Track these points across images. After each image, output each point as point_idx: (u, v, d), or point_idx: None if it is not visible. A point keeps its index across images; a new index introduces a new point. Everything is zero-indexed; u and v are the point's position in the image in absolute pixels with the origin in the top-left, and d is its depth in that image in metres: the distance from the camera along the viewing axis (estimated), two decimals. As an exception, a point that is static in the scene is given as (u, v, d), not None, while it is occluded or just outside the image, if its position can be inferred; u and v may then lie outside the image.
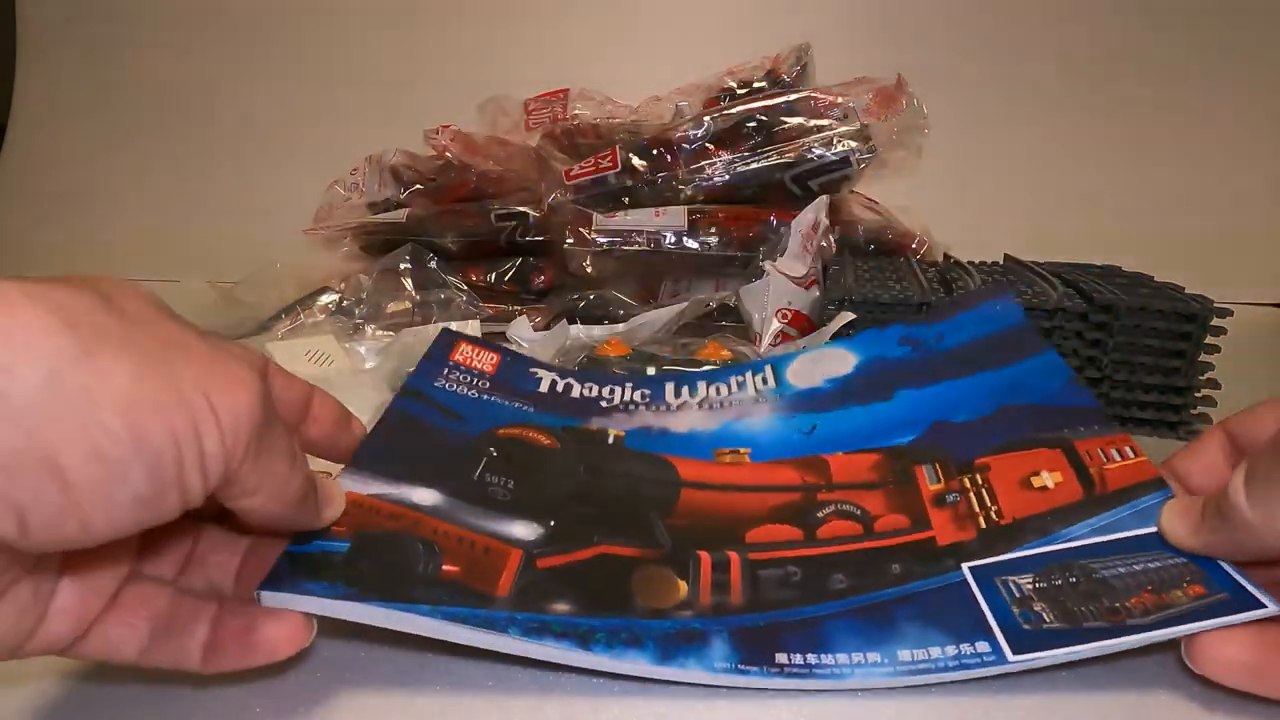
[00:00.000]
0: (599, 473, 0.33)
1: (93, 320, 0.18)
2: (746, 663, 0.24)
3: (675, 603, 0.26)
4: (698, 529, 0.30)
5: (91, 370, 0.17)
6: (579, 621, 0.25)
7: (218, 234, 1.04)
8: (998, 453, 0.31)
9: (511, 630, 0.24)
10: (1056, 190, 0.94)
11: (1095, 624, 0.24)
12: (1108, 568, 0.26)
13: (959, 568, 0.27)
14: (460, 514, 0.29)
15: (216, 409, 0.19)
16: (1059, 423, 0.32)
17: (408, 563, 0.26)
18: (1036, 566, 0.26)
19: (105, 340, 0.18)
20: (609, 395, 0.39)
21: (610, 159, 0.67)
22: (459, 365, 0.39)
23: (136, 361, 0.18)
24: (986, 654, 0.24)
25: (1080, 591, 0.25)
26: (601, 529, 0.29)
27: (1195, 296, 0.46)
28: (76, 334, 0.17)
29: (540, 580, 0.26)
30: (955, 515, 0.29)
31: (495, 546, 0.27)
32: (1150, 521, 0.27)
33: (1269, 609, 0.23)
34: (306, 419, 0.28)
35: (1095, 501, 0.28)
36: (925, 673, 0.24)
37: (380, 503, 0.28)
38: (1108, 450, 0.30)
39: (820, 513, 0.31)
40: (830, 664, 0.24)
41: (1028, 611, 0.25)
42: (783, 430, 0.36)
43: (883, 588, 0.27)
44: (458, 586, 0.25)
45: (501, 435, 0.34)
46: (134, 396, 0.18)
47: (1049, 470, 0.30)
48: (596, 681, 0.26)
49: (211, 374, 0.20)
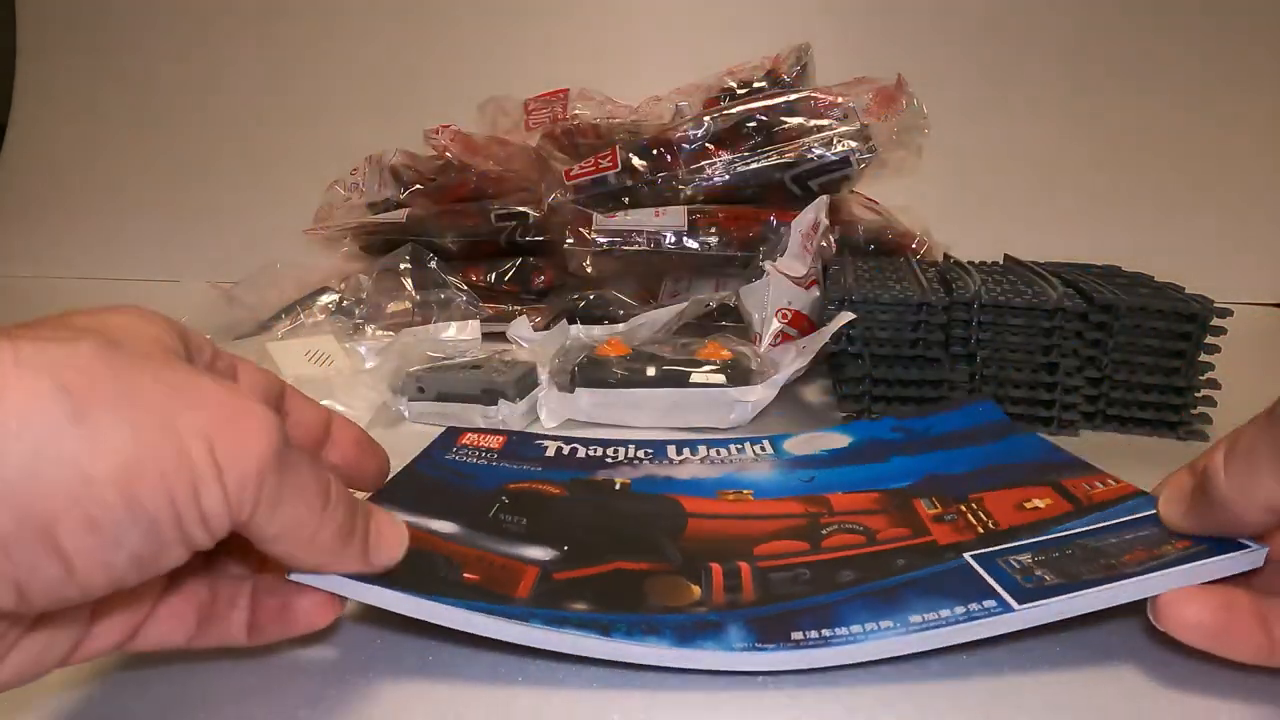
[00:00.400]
0: (608, 511, 0.35)
1: (90, 376, 0.17)
2: (763, 641, 0.25)
3: (690, 602, 0.27)
4: (708, 548, 0.31)
5: (83, 438, 0.17)
6: (598, 616, 0.25)
7: (218, 234, 1.04)
8: (990, 490, 0.33)
9: (533, 620, 0.25)
10: (1056, 190, 0.94)
11: (1093, 577, 0.25)
12: (1100, 540, 0.27)
13: (961, 556, 0.28)
14: (478, 540, 0.30)
15: (221, 462, 0.18)
16: (1046, 471, 0.34)
17: (430, 569, 0.27)
18: (1034, 549, 0.28)
19: (100, 399, 0.17)
20: (613, 454, 0.41)
21: (610, 159, 0.67)
22: (466, 447, 0.41)
23: (133, 419, 0.18)
24: (993, 608, 0.25)
25: (1077, 558, 0.26)
26: (614, 550, 0.30)
27: (1195, 296, 0.46)
28: (69, 398, 0.17)
29: (558, 587, 0.27)
30: (954, 527, 0.31)
31: (512, 564, 0.28)
32: (1135, 518, 0.28)
33: (1252, 549, 0.24)
34: (327, 443, 0.27)
35: (1083, 511, 0.30)
36: (936, 628, 0.24)
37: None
38: (1091, 483, 0.32)
39: (824, 531, 0.32)
40: (845, 634, 0.25)
41: (1029, 576, 0.26)
42: (783, 479, 0.38)
43: (889, 576, 0.28)
44: (479, 589, 0.26)
45: (512, 488, 0.36)
46: (128, 462, 0.17)
47: (1039, 498, 0.32)
48: (606, 676, 0.26)
49: (220, 420, 0.19)
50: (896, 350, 0.47)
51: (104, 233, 1.07)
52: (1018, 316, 0.46)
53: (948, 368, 0.47)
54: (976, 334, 0.46)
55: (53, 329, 0.19)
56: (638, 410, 0.48)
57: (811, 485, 0.37)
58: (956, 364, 0.47)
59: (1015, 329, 0.46)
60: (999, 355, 0.47)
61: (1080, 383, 0.46)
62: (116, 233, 1.06)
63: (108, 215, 1.08)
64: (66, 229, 1.08)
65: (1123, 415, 0.47)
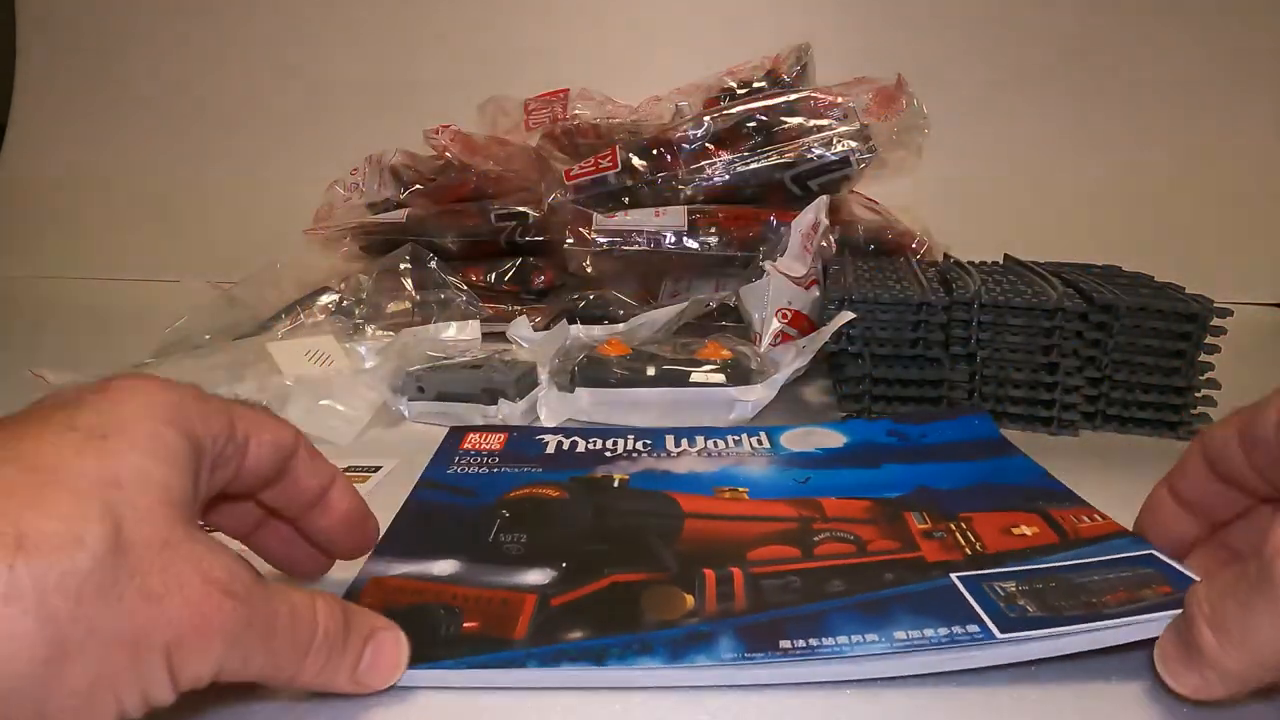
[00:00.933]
0: (607, 512, 0.36)
1: (72, 606, 0.18)
2: (752, 650, 0.26)
3: (683, 613, 0.28)
4: (702, 552, 0.32)
5: (50, 677, 0.17)
6: (592, 644, 0.26)
7: (218, 234, 1.04)
8: (979, 511, 0.34)
9: (530, 663, 0.26)
10: (1056, 190, 0.94)
11: (1075, 613, 0.26)
12: (1084, 577, 0.28)
13: (947, 576, 0.29)
14: (477, 576, 0.31)
15: (175, 668, 0.19)
16: (1035, 498, 0.35)
17: (431, 628, 0.27)
18: (1019, 576, 0.29)
19: (75, 638, 0.18)
20: (612, 447, 0.43)
21: (610, 159, 0.67)
22: (469, 451, 0.43)
23: (101, 656, 0.18)
24: (976, 633, 0.25)
25: (1060, 591, 0.27)
26: (611, 562, 0.31)
27: (1195, 296, 0.46)
28: (46, 645, 0.17)
29: (555, 615, 0.28)
30: (943, 545, 0.32)
31: (512, 597, 0.29)
32: (1119, 557, 0.29)
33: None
34: (319, 507, 0.27)
35: (1068, 544, 0.31)
36: (920, 649, 0.25)
37: (404, 581, 0.30)
38: (1079, 516, 0.33)
39: (816, 538, 0.33)
40: (831, 644, 0.26)
41: (1013, 605, 0.27)
42: (778, 477, 0.39)
43: (878, 589, 0.29)
44: (478, 639, 0.27)
45: (511, 498, 0.37)
46: (86, 689, 0.18)
47: (1027, 525, 0.33)
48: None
49: (184, 629, 0.19)
50: (896, 350, 0.48)
51: (104, 233, 1.07)
52: (1018, 316, 0.46)
53: (948, 368, 0.47)
54: (976, 334, 0.47)
55: (52, 486, 0.18)
56: (638, 410, 0.48)
57: (806, 487, 0.38)
58: (956, 364, 0.47)
59: (1015, 329, 0.46)
60: (999, 355, 0.47)
61: (1080, 383, 0.46)
62: (116, 233, 1.06)
63: (108, 215, 1.08)
64: (66, 229, 1.08)
65: (1123, 415, 0.47)
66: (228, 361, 0.55)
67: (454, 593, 0.30)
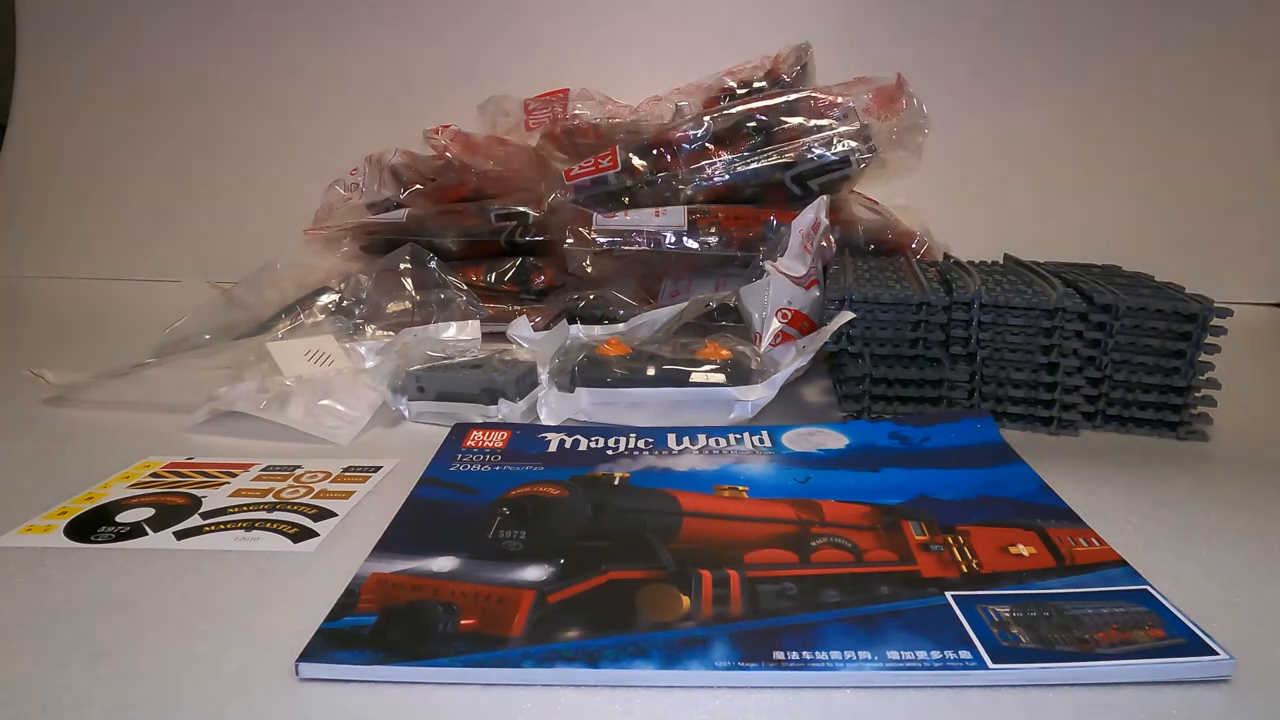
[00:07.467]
0: (606, 510, 0.36)
1: None
2: (746, 659, 0.26)
3: (678, 616, 0.28)
4: (699, 552, 0.32)
5: None
6: (587, 644, 0.27)
7: (218, 234, 1.04)
8: (978, 525, 0.34)
9: (525, 663, 0.26)
10: (1056, 190, 0.95)
11: (1067, 649, 0.26)
12: (1078, 609, 0.28)
13: (942, 594, 0.29)
14: (476, 572, 0.31)
15: None
16: (1033, 514, 0.35)
17: (429, 625, 0.28)
18: (1013, 601, 0.29)
19: None
20: (614, 445, 0.43)
21: (610, 159, 0.67)
22: (472, 448, 0.43)
23: None
24: (968, 660, 0.26)
25: (1053, 623, 0.27)
26: (609, 558, 0.32)
27: (1195, 296, 0.46)
28: None
29: (552, 613, 0.28)
30: (939, 560, 0.32)
31: (509, 594, 0.29)
32: (1114, 590, 0.29)
33: (1220, 656, 0.25)
34: None
35: (1065, 569, 0.31)
36: (911, 670, 0.25)
37: (403, 578, 0.31)
38: (1076, 538, 0.33)
39: (814, 542, 0.33)
40: (824, 659, 0.26)
41: (1005, 632, 0.27)
42: (778, 477, 0.39)
43: (872, 603, 0.29)
44: (475, 636, 0.27)
45: (511, 495, 0.37)
46: None
47: (1024, 544, 0.33)
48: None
49: None
50: (896, 350, 0.48)
51: (104, 233, 1.07)
52: (1018, 316, 0.46)
53: (948, 367, 0.47)
54: (976, 334, 0.47)
55: None
56: (638, 409, 0.48)
57: (806, 487, 0.38)
58: (956, 364, 0.47)
59: (1015, 329, 0.46)
60: (999, 355, 0.47)
61: (1080, 382, 0.46)
62: (116, 233, 1.07)
63: (108, 215, 1.08)
64: (66, 229, 1.08)
65: (1123, 415, 0.47)
66: (228, 361, 0.55)
67: (453, 589, 0.30)
